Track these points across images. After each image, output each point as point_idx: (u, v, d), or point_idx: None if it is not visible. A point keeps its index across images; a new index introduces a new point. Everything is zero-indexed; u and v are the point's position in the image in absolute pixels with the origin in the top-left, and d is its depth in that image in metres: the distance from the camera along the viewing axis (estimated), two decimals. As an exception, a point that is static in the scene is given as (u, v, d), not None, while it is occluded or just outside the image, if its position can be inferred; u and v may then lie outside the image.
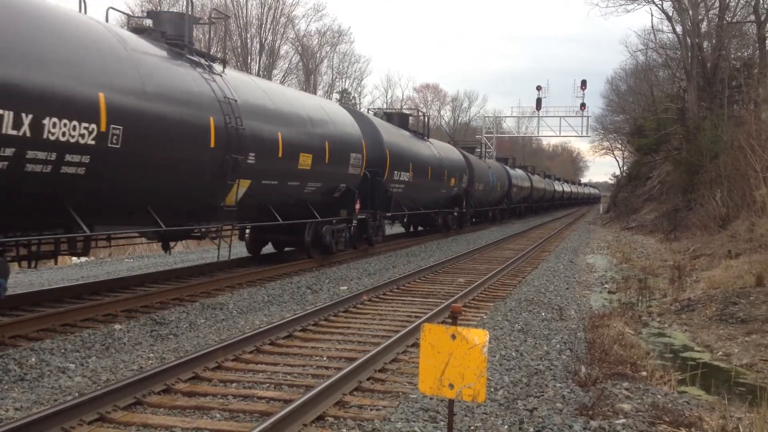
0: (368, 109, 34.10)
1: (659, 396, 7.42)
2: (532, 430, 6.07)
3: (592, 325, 11.34)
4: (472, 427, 6.07)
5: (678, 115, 39.68)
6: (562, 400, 6.93)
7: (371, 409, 6.52)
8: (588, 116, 66.22)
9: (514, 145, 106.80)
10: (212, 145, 12.06)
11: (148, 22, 13.56)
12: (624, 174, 68.56)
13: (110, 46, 10.22)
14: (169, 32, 12.53)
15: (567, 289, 15.44)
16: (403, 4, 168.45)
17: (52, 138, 8.64)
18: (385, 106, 78.49)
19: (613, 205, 57.76)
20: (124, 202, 10.76)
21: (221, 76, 13.13)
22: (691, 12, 35.06)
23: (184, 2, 52.87)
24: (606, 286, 17.35)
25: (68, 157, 8.99)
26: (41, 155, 8.59)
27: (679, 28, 37.49)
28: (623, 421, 6.34)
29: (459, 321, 5.04)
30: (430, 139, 29.49)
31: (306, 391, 6.57)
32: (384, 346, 8.39)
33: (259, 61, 55.48)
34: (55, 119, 8.64)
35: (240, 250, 18.59)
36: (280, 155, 14.45)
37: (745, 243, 19.01)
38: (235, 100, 12.90)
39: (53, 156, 8.75)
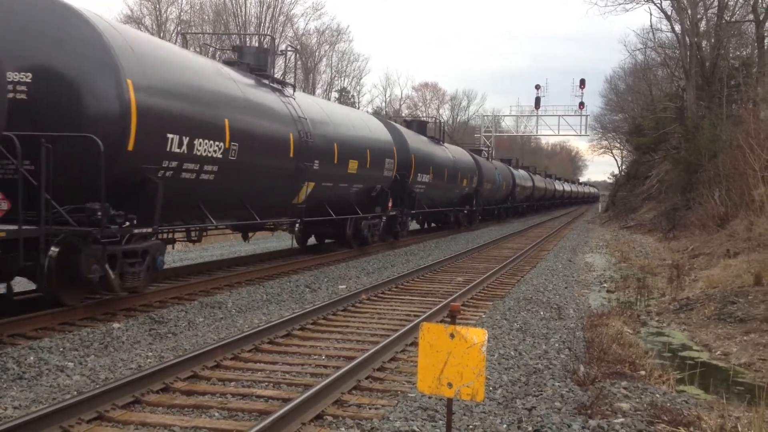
0: (389, 117, 35.07)
1: (658, 395, 7.43)
2: (530, 429, 6.07)
3: (590, 324, 11.35)
4: (471, 426, 6.08)
5: (677, 114, 39.70)
6: (561, 399, 6.93)
7: (370, 408, 6.52)
8: (587, 115, 66.34)
9: (512, 144, 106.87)
10: (291, 155, 15.16)
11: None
12: (622, 173, 68.57)
13: (226, 80, 13.36)
14: (252, 63, 15.43)
15: (566, 288, 15.45)
16: (402, 2, 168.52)
17: (198, 154, 11.66)
18: (384, 104, 78.50)
19: (611, 204, 57.80)
20: (231, 200, 13.58)
21: (293, 98, 16.14)
22: (689, 11, 35.08)
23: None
24: (605, 285, 17.37)
25: (206, 167, 11.97)
26: (191, 166, 11.59)
27: (677, 27, 37.51)
28: (622, 420, 6.34)
29: (458, 320, 5.05)
30: (444, 143, 31.78)
31: (305, 390, 6.57)
32: (383, 345, 8.39)
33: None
34: (201, 140, 11.67)
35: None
36: (335, 162, 17.55)
37: (743, 242, 19.03)
38: (305, 118, 16.00)
39: (197, 167, 11.75)
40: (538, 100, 63.48)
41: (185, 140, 11.20)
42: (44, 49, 9.73)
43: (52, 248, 9.34)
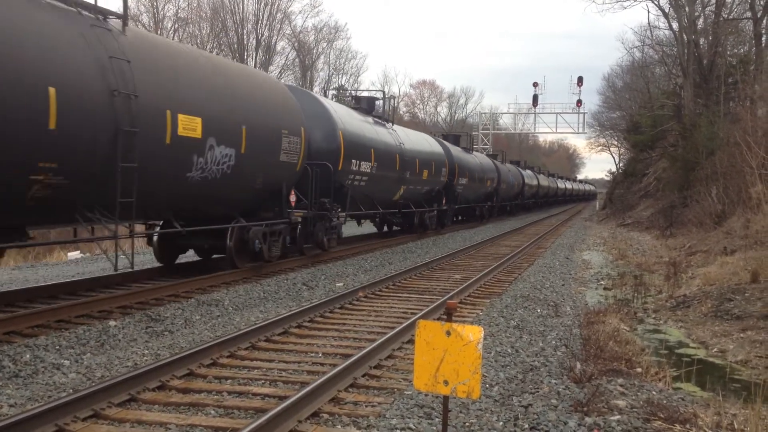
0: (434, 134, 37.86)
1: (654, 392, 7.43)
2: (527, 426, 6.07)
3: (587, 322, 11.36)
4: (467, 424, 6.07)
5: (674, 111, 39.69)
6: (557, 396, 6.93)
7: (366, 406, 6.52)
8: (584, 113, 66.49)
9: (510, 142, 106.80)
10: (397, 168, 23.23)
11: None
12: (620, 171, 68.59)
13: (368, 124, 21.89)
14: (363, 106, 23.19)
15: (563, 285, 15.45)
16: (400, 0, 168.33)
17: (360, 170, 20.19)
18: (381, 102, 78.31)
19: (609, 202, 57.85)
20: (371, 201, 21.89)
21: (393, 130, 24.19)
22: (687, 8, 35.05)
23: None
24: (602, 282, 17.38)
25: (359, 178, 19.92)
26: (358, 177, 20.36)
27: (675, 25, 37.48)
28: (618, 417, 6.34)
29: (454, 317, 5.04)
30: (474, 152, 39.41)
31: (301, 388, 6.56)
32: (379, 342, 8.38)
33: (255, 57, 55.38)
34: (363, 162, 20.05)
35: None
36: (417, 171, 25.27)
37: (740, 239, 19.04)
38: (403, 144, 24.19)
39: (360, 177, 20.37)
40: (535, 98, 63.56)
41: (356, 162, 19.31)
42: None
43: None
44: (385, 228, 28.28)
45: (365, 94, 27.60)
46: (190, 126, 11.61)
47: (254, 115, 13.72)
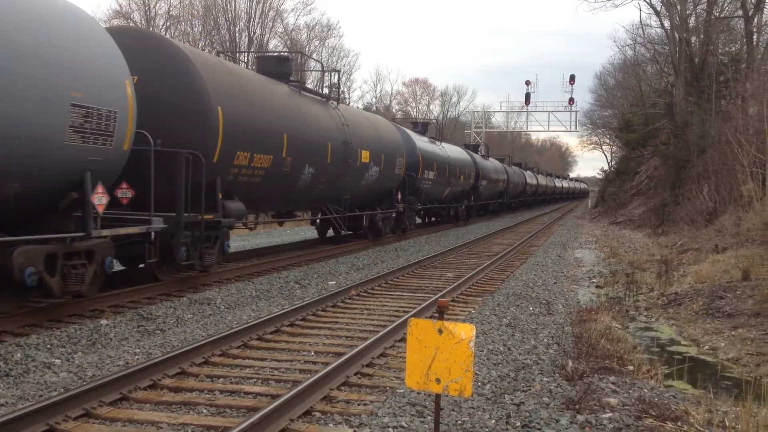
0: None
1: (646, 390, 7.45)
2: (519, 424, 6.07)
3: (579, 320, 11.38)
4: (460, 422, 6.07)
5: (666, 110, 39.79)
6: (549, 394, 6.94)
7: (358, 404, 6.52)
8: (576, 111, 66.54)
9: (503, 140, 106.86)
10: (447, 174, 30.12)
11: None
12: (612, 169, 68.71)
13: (429, 142, 29.65)
14: (419, 129, 30.85)
15: (555, 283, 15.48)
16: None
17: (429, 176, 26.74)
18: (374, 100, 78.40)
19: (601, 200, 57.94)
20: (431, 199, 28.47)
21: (443, 147, 31.92)
22: (679, 7, 35.12)
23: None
24: (594, 280, 17.41)
25: (428, 183, 27.08)
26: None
27: (667, 23, 37.55)
28: (610, 415, 6.35)
29: (447, 315, 5.04)
30: (491, 158, 46.26)
31: (293, 386, 6.56)
32: (371, 341, 8.38)
33: (248, 55, 55.24)
34: (430, 171, 27.24)
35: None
36: (456, 176, 32.52)
37: (731, 237, 19.11)
38: (449, 156, 31.61)
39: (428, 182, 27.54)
40: (528, 96, 63.61)
41: (427, 171, 27.70)
42: None
43: None
44: (427, 219, 35.52)
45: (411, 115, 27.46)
46: (365, 156, 20.32)
47: (388, 147, 22.61)
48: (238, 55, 53.24)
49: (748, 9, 32.96)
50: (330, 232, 22.76)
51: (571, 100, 63.22)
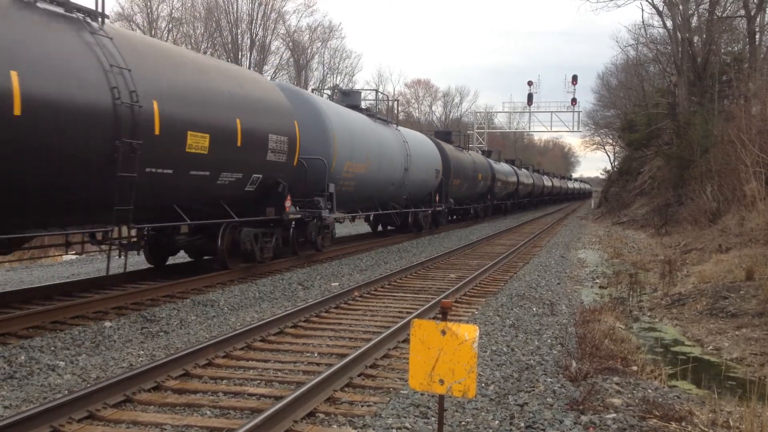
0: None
1: (650, 390, 7.44)
2: (522, 425, 6.07)
3: (582, 320, 11.36)
4: (463, 423, 6.07)
5: (668, 110, 39.76)
6: (553, 395, 6.93)
7: (362, 405, 6.51)
8: (579, 111, 66.45)
9: (505, 141, 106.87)
10: (479, 178, 36.62)
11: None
12: (615, 169, 68.69)
13: (461, 151, 35.64)
14: (450, 138, 36.23)
15: (558, 284, 15.46)
16: (395, 0, 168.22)
17: (457, 182, 32.82)
18: (376, 102, 78.29)
19: (604, 200, 57.91)
20: (458, 198, 33.90)
21: (470, 155, 34.80)
22: (681, 7, 35.09)
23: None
24: (597, 280, 17.39)
25: (457, 186, 32.70)
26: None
27: (669, 23, 37.55)
28: (614, 415, 6.35)
29: (450, 316, 5.03)
30: (501, 162, 51.07)
31: (297, 388, 6.55)
32: (375, 342, 8.38)
33: (250, 57, 55.32)
34: (459, 179, 33.32)
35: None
36: (478, 179, 36.56)
37: (735, 237, 19.08)
38: (475, 162, 37.63)
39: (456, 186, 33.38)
40: (530, 97, 63.53)
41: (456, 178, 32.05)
42: None
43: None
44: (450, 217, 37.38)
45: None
46: (416, 166, 25.75)
47: (429, 157, 27.90)
48: (240, 56, 53.31)
49: (751, 9, 32.93)
50: (363, 229, 28.68)
51: (574, 101, 63.15)
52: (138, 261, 16.06)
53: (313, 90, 31.40)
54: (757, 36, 33.69)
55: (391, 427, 5.87)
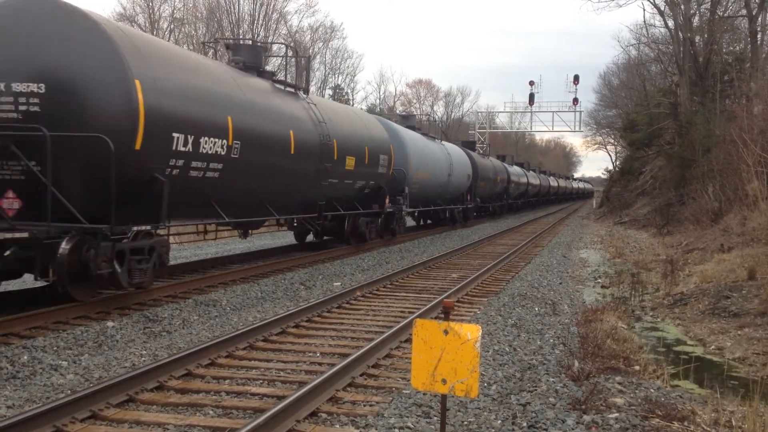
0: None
1: (652, 390, 7.44)
2: (525, 424, 6.07)
3: (585, 320, 11.36)
4: (466, 422, 6.08)
5: (670, 109, 39.76)
6: (555, 394, 6.94)
7: (364, 405, 6.52)
8: (581, 111, 66.31)
9: (507, 141, 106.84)
10: (498, 180, 43.36)
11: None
12: (617, 169, 68.67)
13: (483, 157, 41.93)
14: (473, 148, 43.51)
15: (560, 283, 15.46)
16: (396, 0, 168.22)
17: (482, 183, 37.98)
18: (378, 101, 78.47)
19: (605, 200, 57.88)
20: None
21: (488, 157, 42.59)
22: (682, 6, 35.09)
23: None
24: (599, 280, 17.39)
25: (483, 186, 38.12)
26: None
27: (671, 23, 37.54)
28: (616, 415, 6.35)
29: (452, 316, 5.04)
30: (514, 166, 54.47)
31: (299, 388, 6.56)
32: (377, 341, 8.38)
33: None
34: (484, 181, 39.03)
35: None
36: (497, 181, 41.60)
37: (737, 237, 19.07)
38: (494, 166, 43.81)
39: (482, 186, 38.57)
40: (532, 97, 63.45)
41: (482, 180, 38.21)
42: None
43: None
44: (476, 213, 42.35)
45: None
46: (458, 173, 31.24)
47: (464, 166, 32.78)
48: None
49: (752, 8, 32.91)
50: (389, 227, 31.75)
51: (575, 101, 63.07)
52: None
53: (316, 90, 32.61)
54: (759, 36, 33.70)
55: (394, 427, 5.88)
